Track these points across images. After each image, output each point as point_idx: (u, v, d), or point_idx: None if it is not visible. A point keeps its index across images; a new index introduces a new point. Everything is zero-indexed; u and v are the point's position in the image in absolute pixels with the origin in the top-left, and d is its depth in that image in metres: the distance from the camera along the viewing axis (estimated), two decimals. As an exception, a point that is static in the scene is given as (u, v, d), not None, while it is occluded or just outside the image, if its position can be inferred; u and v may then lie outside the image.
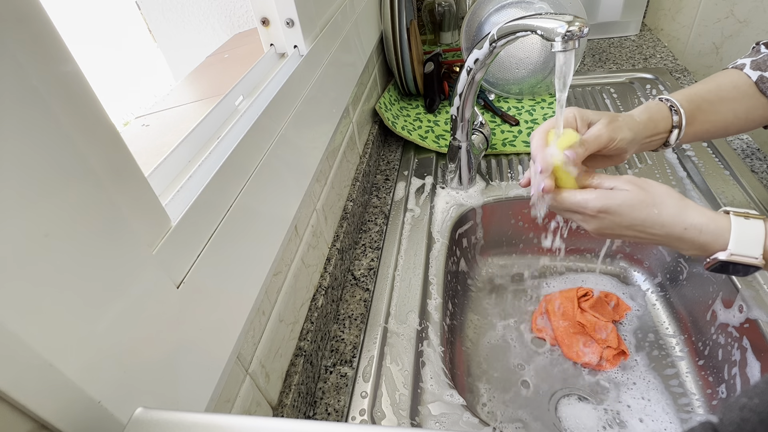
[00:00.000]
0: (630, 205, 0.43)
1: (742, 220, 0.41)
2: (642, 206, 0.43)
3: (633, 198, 0.43)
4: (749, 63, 0.55)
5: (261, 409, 0.43)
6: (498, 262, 0.82)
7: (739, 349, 0.56)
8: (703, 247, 0.42)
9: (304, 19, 0.54)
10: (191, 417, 0.22)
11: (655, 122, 0.52)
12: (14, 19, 0.20)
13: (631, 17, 1.19)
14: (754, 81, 0.53)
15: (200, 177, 0.36)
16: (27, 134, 0.20)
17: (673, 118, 0.53)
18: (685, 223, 0.42)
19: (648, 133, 0.52)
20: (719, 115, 0.54)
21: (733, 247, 0.40)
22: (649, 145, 0.54)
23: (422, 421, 0.49)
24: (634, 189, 0.44)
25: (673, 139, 0.53)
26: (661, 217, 0.43)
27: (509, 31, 0.55)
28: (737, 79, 0.54)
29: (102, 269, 0.24)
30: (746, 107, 0.54)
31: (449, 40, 1.26)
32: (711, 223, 0.41)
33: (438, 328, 0.59)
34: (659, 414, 0.58)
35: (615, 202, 0.44)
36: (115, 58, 0.85)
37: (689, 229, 0.42)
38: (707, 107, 0.54)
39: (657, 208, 0.43)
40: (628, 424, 0.58)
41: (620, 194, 0.44)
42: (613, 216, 0.44)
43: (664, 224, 0.43)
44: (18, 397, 0.19)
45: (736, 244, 0.40)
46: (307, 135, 0.54)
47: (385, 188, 0.81)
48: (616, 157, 0.52)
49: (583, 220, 0.47)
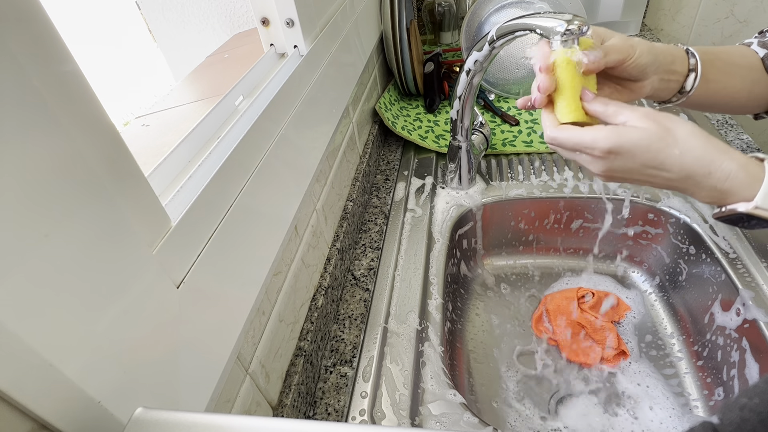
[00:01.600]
0: (646, 145, 0.38)
1: None
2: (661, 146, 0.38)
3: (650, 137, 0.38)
4: (756, 42, 0.54)
5: (261, 409, 0.43)
6: (498, 262, 0.82)
7: (738, 350, 0.56)
8: (724, 194, 0.38)
9: (304, 19, 0.54)
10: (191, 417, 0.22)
11: (673, 56, 0.49)
12: (14, 19, 0.20)
13: (631, 17, 1.19)
14: (761, 57, 0.52)
15: (200, 177, 0.36)
16: (27, 134, 0.20)
17: (690, 60, 0.50)
18: (710, 167, 0.37)
19: (666, 65, 0.48)
20: (729, 77, 0.51)
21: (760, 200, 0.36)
22: (667, 85, 0.50)
23: (422, 421, 0.49)
24: (651, 126, 0.39)
25: (689, 84, 0.50)
26: (683, 159, 0.38)
27: (508, 30, 0.55)
28: (746, 51, 0.53)
29: (102, 269, 0.24)
30: (752, 79, 0.52)
31: (449, 40, 1.26)
32: (741, 170, 0.37)
33: (438, 328, 0.59)
34: (659, 414, 0.58)
35: (629, 142, 0.38)
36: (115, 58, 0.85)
37: (714, 173, 0.37)
38: (719, 65, 0.51)
39: (678, 148, 0.38)
40: (629, 424, 0.58)
41: (635, 132, 0.39)
42: (625, 157, 0.39)
43: (684, 167, 0.38)
44: (18, 397, 0.19)
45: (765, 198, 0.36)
46: (307, 135, 0.54)
47: (385, 188, 0.81)
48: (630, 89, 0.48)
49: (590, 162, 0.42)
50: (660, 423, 0.58)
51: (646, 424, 0.58)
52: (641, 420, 0.58)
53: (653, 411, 0.59)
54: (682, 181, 0.39)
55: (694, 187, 0.39)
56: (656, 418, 0.58)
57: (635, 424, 0.58)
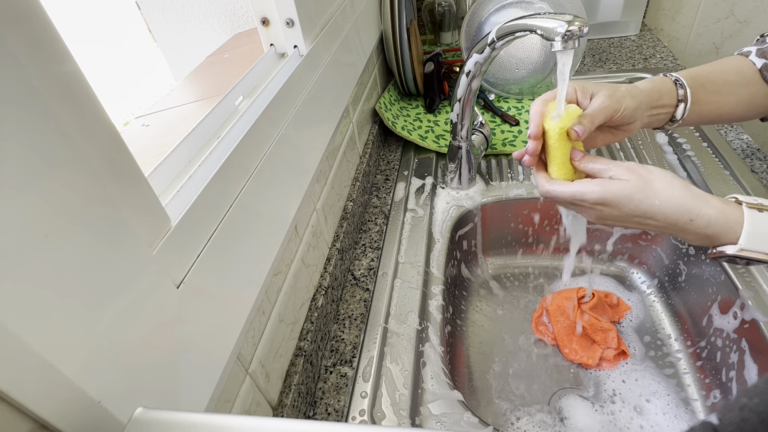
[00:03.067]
0: (628, 196, 0.41)
1: (756, 213, 0.38)
2: (642, 197, 0.41)
3: (632, 188, 0.42)
4: (755, 51, 0.54)
5: (261, 409, 0.43)
6: (498, 262, 0.82)
7: (737, 351, 0.56)
8: (711, 238, 0.40)
9: (304, 19, 0.54)
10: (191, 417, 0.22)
11: (660, 93, 0.51)
12: (14, 19, 0.20)
13: (631, 17, 1.19)
14: (759, 68, 0.53)
15: (200, 177, 0.35)
16: (27, 134, 0.20)
17: (678, 91, 0.52)
18: (691, 214, 0.40)
19: (652, 103, 0.51)
20: (722, 96, 0.53)
21: (744, 242, 0.38)
22: (656, 118, 0.52)
23: (422, 421, 0.49)
24: (633, 178, 0.42)
25: (679, 113, 0.52)
26: (663, 208, 0.41)
27: (509, 30, 0.55)
28: (742, 64, 0.54)
29: (102, 269, 0.24)
30: (749, 93, 0.53)
31: (449, 40, 1.26)
32: (720, 216, 0.39)
33: (438, 328, 0.59)
34: (659, 414, 0.58)
35: (612, 194, 0.42)
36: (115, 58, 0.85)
37: (696, 220, 0.40)
38: (711, 87, 0.53)
39: (658, 198, 0.41)
40: (628, 424, 0.58)
41: (618, 185, 0.42)
42: (612, 208, 0.43)
43: (667, 216, 0.41)
44: (18, 397, 0.19)
45: (747, 240, 0.38)
46: (307, 135, 0.54)
47: (385, 188, 0.81)
48: (623, 130, 0.51)
49: (582, 211, 0.47)
50: (660, 423, 0.58)
51: (646, 424, 0.58)
52: (641, 420, 0.58)
53: (653, 411, 0.59)
54: (668, 228, 0.42)
55: (681, 233, 0.42)
56: (656, 418, 0.58)
57: (635, 424, 0.58)
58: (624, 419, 0.58)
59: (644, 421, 0.58)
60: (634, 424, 0.58)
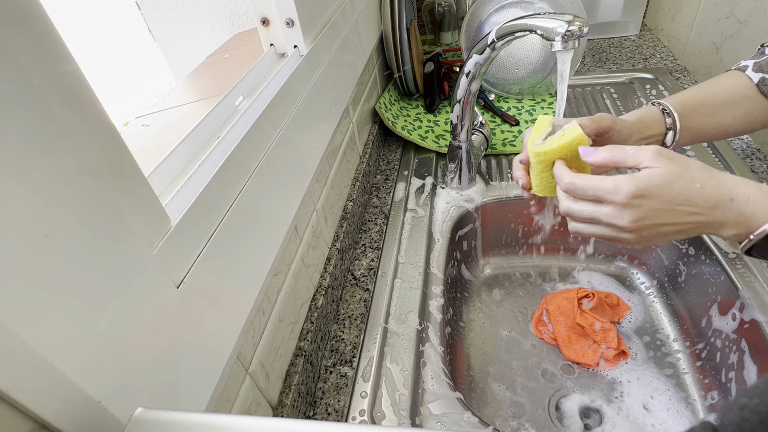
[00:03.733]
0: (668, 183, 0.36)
1: None
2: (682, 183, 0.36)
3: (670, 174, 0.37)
4: (752, 65, 0.54)
5: (261, 409, 0.43)
6: (498, 262, 0.82)
7: (737, 351, 0.56)
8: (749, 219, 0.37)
9: (304, 19, 0.54)
10: (191, 417, 0.22)
11: (647, 124, 0.52)
12: (14, 19, 0.20)
13: (631, 17, 1.19)
14: (756, 83, 0.53)
15: (200, 177, 0.35)
16: (27, 134, 0.20)
17: (666, 120, 0.53)
18: (731, 193, 0.36)
19: (640, 135, 0.52)
20: (716, 117, 0.54)
21: None
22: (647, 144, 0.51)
23: (423, 421, 0.49)
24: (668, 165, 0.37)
25: (669, 140, 0.53)
26: (705, 191, 0.36)
27: (509, 31, 0.55)
28: (737, 82, 0.54)
29: (102, 269, 0.24)
30: (745, 110, 0.54)
31: (449, 40, 1.26)
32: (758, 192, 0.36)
33: (438, 328, 0.59)
34: (659, 414, 0.58)
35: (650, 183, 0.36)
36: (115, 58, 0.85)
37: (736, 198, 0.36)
38: (703, 110, 0.53)
39: (698, 182, 0.37)
40: (628, 424, 0.58)
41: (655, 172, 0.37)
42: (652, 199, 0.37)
43: (708, 198, 0.37)
44: (18, 397, 0.19)
45: None
46: (307, 135, 0.54)
47: (385, 188, 0.81)
48: None
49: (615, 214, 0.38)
50: (659, 423, 0.58)
51: (645, 424, 0.58)
52: (641, 420, 0.58)
53: (653, 411, 0.59)
54: (710, 214, 0.37)
55: (722, 217, 0.37)
56: (656, 418, 0.58)
57: (635, 423, 0.58)
58: (624, 419, 0.58)
59: (644, 420, 0.58)
60: (635, 423, 0.58)
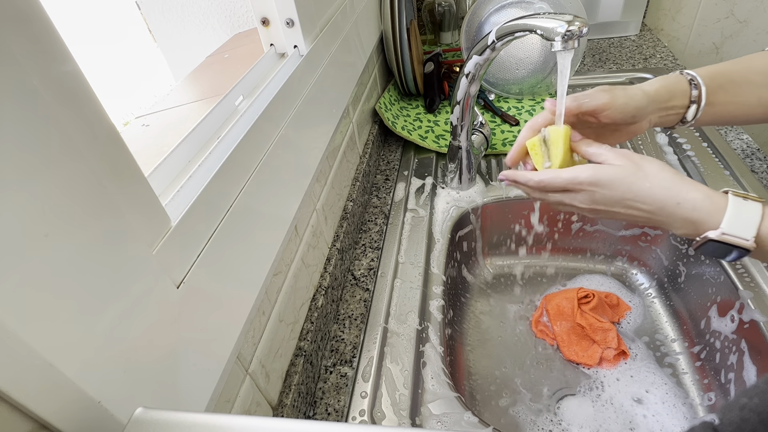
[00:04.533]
0: (621, 178, 0.42)
1: (740, 201, 0.39)
2: (633, 179, 0.42)
3: (624, 171, 0.42)
4: None
5: (261, 409, 0.43)
6: (498, 262, 0.82)
7: (737, 352, 0.56)
8: (695, 224, 0.40)
9: (304, 19, 0.54)
10: (191, 417, 0.22)
11: (671, 93, 0.50)
12: (14, 19, 0.20)
13: (631, 17, 1.19)
14: None
15: (200, 177, 0.35)
16: (27, 134, 0.20)
17: (692, 92, 0.50)
18: (678, 197, 0.40)
19: (661, 104, 0.50)
20: (742, 97, 0.51)
21: (725, 226, 0.38)
22: (666, 119, 0.52)
23: (423, 421, 0.49)
24: (625, 162, 0.43)
25: (690, 114, 0.51)
26: (653, 191, 0.41)
27: (509, 31, 0.55)
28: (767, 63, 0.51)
29: (102, 269, 0.24)
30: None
31: (449, 40, 1.26)
32: (706, 199, 0.40)
33: (438, 328, 0.59)
34: (659, 414, 0.58)
35: (604, 175, 0.42)
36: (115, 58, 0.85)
37: (682, 203, 0.40)
38: (731, 87, 0.51)
39: (649, 181, 0.41)
40: (629, 424, 0.58)
41: (610, 168, 0.43)
42: (605, 189, 0.43)
43: (655, 198, 0.41)
44: (18, 397, 0.19)
45: (729, 224, 0.38)
46: (307, 135, 0.54)
47: (385, 188, 0.81)
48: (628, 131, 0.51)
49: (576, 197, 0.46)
50: (659, 423, 0.58)
51: (645, 424, 0.58)
52: (641, 420, 0.58)
53: (653, 411, 0.59)
54: (657, 213, 0.42)
55: (668, 218, 0.42)
56: (656, 418, 0.58)
57: (635, 423, 0.58)
58: (624, 419, 0.58)
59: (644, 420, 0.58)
60: (634, 423, 0.58)
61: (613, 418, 0.59)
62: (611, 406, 0.60)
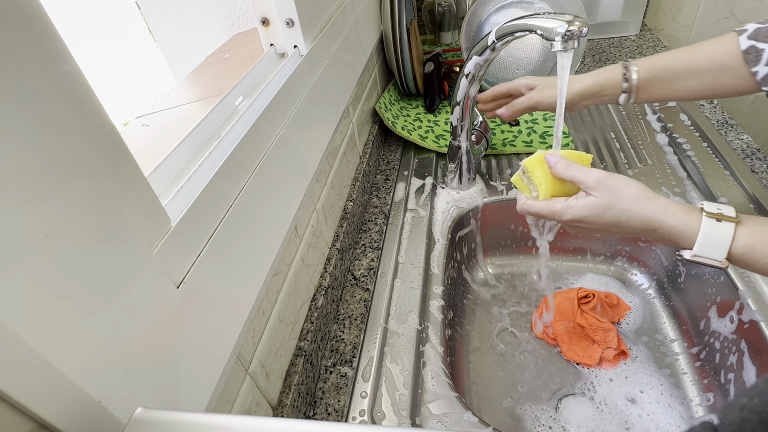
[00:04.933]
0: (598, 213, 0.45)
1: (713, 223, 0.42)
2: (611, 213, 0.45)
3: (601, 204, 0.45)
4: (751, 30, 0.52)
5: (261, 409, 0.43)
6: (498, 261, 0.82)
7: (737, 352, 0.56)
8: (673, 244, 0.45)
9: (304, 19, 0.54)
10: (191, 417, 0.22)
11: (602, 86, 0.59)
12: (14, 19, 0.20)
13: (631, 17, 1.19)
14: (743, 50, 0.51)
15: (200, 177, 0.35)
16: (27, 134, 0.20)
17: (623, 84, 0.58)
18: (655, 225, 0.44)
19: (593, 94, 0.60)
20: (681, 83, 0.56)
21: (697, 249, 0.42)
22: (602, 101, 0.62)
23: (423, 421, 0.49)
24: (601, 193, 0.45)
25: (622, 100, 0.59)
26: (630, 223, 0.45)
27: (509, 31, 0.55)
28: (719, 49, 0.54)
29: (102, 269, 0.24)
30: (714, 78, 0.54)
31: (449, 40, 1.26)
32: (680, 225, 0.43)
33: (438, 328, 0.59)
34: (659, 414, 0.58)
35: (583, 213, 0.46)
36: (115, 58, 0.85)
37: (659, 230, 0.44)
38: (669, 76, 0.56)
39: (625, 215, 0.44)
40: (629, 424, 0.58)
41: (588, 202, 0.45)
42: (586, 223, 0.46)
43: (634, 228, 0.45)
44: (18, 397, 0.19)
45: (700, 247, 0.42)
46: (307, 135, 0.54)
47: (385, 188, 0.81)
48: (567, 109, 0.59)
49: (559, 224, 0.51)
50: (659, 423, 0.58)
51: (645, 424, 0.58)
52: (640, 420, 0.58)
53: (652, 411, 0.59)
54: (639, 235, 0.46)
55: (650, 239, 0.46)
56: (655, 418, 0.58)
57: (635, 423, 0.58)
58: (624, 419, 0.58)
59: (644, 420, 0.58)
60: (634, 423, 0.58)
61: (608, 418, 0.59)
62: (611, 406, 0.60)
